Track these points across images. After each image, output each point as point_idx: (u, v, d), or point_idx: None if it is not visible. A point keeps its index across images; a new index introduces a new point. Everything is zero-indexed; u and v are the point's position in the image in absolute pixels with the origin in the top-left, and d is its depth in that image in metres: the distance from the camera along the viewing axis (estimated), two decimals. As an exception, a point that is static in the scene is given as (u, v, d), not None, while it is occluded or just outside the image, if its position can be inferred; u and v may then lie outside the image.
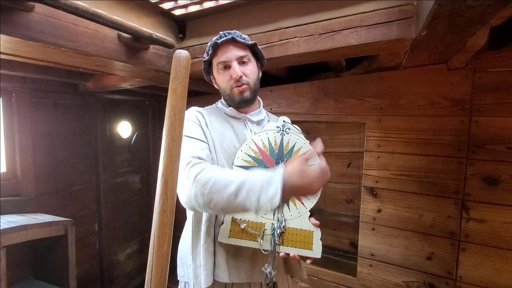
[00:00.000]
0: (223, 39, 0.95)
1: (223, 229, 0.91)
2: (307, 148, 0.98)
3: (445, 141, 1.49)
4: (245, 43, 0.98)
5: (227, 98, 1.02)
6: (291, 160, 0.81)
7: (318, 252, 0.89)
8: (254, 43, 1.00)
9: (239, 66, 0.96)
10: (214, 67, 1.01)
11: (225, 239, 0.91)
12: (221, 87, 1.02)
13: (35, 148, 1.89)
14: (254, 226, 0.91)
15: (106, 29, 1.15)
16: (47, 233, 1.60)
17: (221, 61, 0.97)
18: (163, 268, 0.69)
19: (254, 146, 0.97)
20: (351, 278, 1.77)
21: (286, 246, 0.90)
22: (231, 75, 0.96)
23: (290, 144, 0.99)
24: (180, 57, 0.76)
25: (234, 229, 0.91)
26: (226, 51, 0.96)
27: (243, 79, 0.96)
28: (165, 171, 0.72)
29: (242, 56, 0.97)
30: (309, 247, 0.90)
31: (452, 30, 0.91)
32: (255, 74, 1.01)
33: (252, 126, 1.05)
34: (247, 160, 0.96)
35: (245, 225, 0.91)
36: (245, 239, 0.91)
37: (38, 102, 1.91)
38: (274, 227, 0.90)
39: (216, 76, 1.02)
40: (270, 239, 0.89)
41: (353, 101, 1.72)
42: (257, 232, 0.90)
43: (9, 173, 1.79)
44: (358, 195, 1.93)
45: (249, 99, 0.99)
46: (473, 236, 1.46)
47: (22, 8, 0.89)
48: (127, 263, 2.70)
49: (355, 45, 1.15)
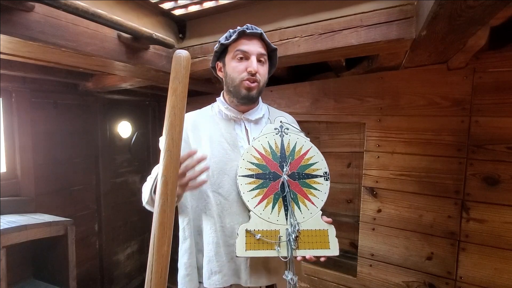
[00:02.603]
0: (252, 31, 0.95)
1: (238, 243, 0.88)
2: (309, 146, 0.98)
3: (445, 141, 1.49)
4: (269, 45, 0.99)
5: (232, 89, 0.98)
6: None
7: (336, 249, 0.90)
8: (275, 48, 1.02)
9: (257, 63, 0.96)
10: (229, 53, 0.98)
11: (242, 252, 0.88)
12: (230, 75, 0.98)
13: (35, 148, 1.89)
14: (269, 235, 0.90)
15: (106, 29, 1.15)
16: (47, 233, 1.60)
17: (241, 49, 0.95)
18: (163, 268, 0.69)
19: (255, 153, 0.96)
20: (351, 278, 1.77)
21: (303, 249, 0.89)
22: (246, 67, 0.94)
23: (291, 144, 0.98)
24: (180, 57, 0.76)
25: (249, 241, 0.89)
26: (250, 43, 0.95)
27: (256, 76, 0.95)
28: (165, 171, 0.72)
29: (262, 54, 0.97)
30: (326, 246, 0.90)
31: (452, 30, 0.91)
32: (266, 76, 1.01)
33: (249, 126, 1.03)
34: (251, 168, 0.94)
35: (260, 235, 0.89)
36: (263, 249, 0.89)
37: (38, 102, 1.91)
38: (288, 232, 0.89)
39: (228, 62, 0.99)
40: (286, 245, 0.89)
41: (353, 101, 1.72)
42: (273, 241, 0.89)
43: (9, 173, 1.79)
44: (358, 195, 1.93)
45: (253, 97, 0.98)
46: (473, 236, 1.46)
47: (22, 8, 0.89)
48: (127, 263, 2.70)
49: (355, 45, 1.15)
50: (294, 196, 0.94)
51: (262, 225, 0.91)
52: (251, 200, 0.92)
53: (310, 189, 0.95)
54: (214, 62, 1.05)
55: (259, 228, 0.90)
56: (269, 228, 0.91)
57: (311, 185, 0.95)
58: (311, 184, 0.96)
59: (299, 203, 0.93)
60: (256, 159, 0.95)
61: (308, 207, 0.93)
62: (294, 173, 0.95)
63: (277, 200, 0.93)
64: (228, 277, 0.95)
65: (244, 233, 0.89)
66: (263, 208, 0.92)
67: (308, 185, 0.95)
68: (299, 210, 0.93)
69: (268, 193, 0.93)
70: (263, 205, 0.92)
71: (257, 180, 0.94)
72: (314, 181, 0.96)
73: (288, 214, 0.92)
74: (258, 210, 0.92)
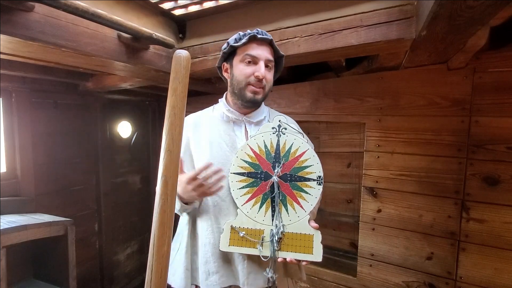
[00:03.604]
0: (263, 37, 0.96)
1: (223, 238, 0.92)
2: (305, 148, 0.96)
3: (445, 141, 1.49)
4: (277, 51, 1.00)
5: (237, 91, 0.99)
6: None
7: (319, 255, 0.89)
8: (283, 55, 1.03)
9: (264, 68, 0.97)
10: (237, 56, 0.99)
11: (226, 247, 0.92)
12: (237, 78, 0.98)
13: (35, 148, 1.89)
14: (253, 234, 0.92)
15: (106, 29, 1.15)
16: (47, 233, 1.60)
17: (250, 54, 0.96)
18: (163, 268, 0.69)
19: (249, 151, 0.96)
20: (351, 278, 1.77)
21: (286, 251, 0.90)
22: (253, 72, 0.95)
23: (287, 145, 0.97)
24: (180, 57, 0.76)
25: (233, 237, 0.92)
26: (260, 48, 0.96)
27: (263, 82, 0.96)
28: (165, 171, 0.72)
29: (270, 61, 0.98)
30: (309, 251, 0.89)
31: (452, 30, 0.91)
32: (271, 82, 1.02)
33: (250, 127, 1.04)
34: (243, 166, 0.95)
35: (244, 233, 0.92)
36: (245, 246, 0.91)
37: (38, 102, 1.91)
38: (272, 233, 0.90)
39: (236, 65, 0.99)
40: (269, 245, 0.90)
41: (353, 101, 1.72)
42: (256, 240, 0.91)
43: (9, 173, 1.79)
44: (358, 195, 1.93)
45: (258, 102, 1.00)
46: (473, 236, 1.46)
47: (22, 8, 0.88)
48: (127, 263, 2.70)
49: (355, 45, 1.15)
50: (283, 198, 0.93)
51: (248, 223, 0.93)
52: (239, 198, 0.94)
53: (300, 192, 0.94)
54: (221, 63, 1.06)
55: (244, 226, 0.93)
56: (254, 227, 0.93)
57: (302, 188, 0.94)
58: (302, 187, 0.94)
59: (288, 206, 0.93)
60: (250, 157, 0.96)
61: (296, 210, 0.93)
62: (286, 175, 0.95)
63: (265, 200, 0.94)
64: (225, 278, 0.96)
65: (229, 229, 0.93)
66: (250, 206, 0.93)
67: (299, 188, 0.94)
68: (286, 213, 0.93)
69: (257, 192, 0.94)
70: (251, 204, 0.93)
71: (248, 179, 0.95)
72: (306, 184, 0.94)
73: (275, 215, 0.92)
74: (245, 208, 0.93)
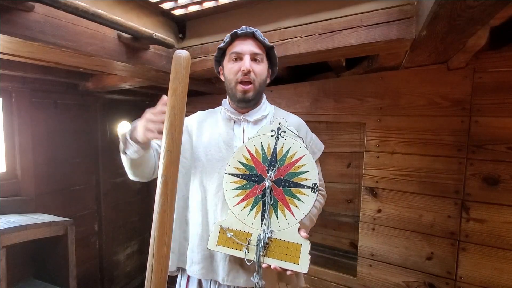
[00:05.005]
0: (244, 32, 0.96)
1: (212, 237, 0.93)
2: (303, 153, 0.92)
3: (445, 141, 1.49)
4: (263, 43, 0.99)
5: (229, 92, 1.01)
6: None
7: (305, 266, 0.84)
8: (272, 46, 1.01)
9: (251, 62, 0.96)
10: (226, 56, 1.01)
11: (213, 246, 0.93)
12: (227, 78, 1.00)
13: (35, 148, 1.89)
14: (241, 236, 0.91)
15: (106, 29, 1.15)
16: (47, 233, 1.60)
17: (235, 51, 0.97)
18: (163, 268, 0.69)
19: (246, 153, 0.95)
20: (351, 278, 1.77)
21: (271, 258, 0.88)
22: (240, 67, 0.95)
23: (285, 148, 0.93)
24: (180, 57, 0.76)
25: (222, 237, 0.93)
26: (243, 43, 0.97)
27: (250, 75, 0.95)
28: (165, 171, 0.72)
29: (256, 54, 0.97)
30: (295, 261, 0.85)
31: (452, 30, 0.91)
32: (263, 75, 1.00)
33: (247, 126, 1.03)
34: (239, 168, 0.95)
35: (232, 234, 0.91)
36: (231, 247, 0.91)
37: (38, 102, 1.91)
38: (259, 238, 0.89)
39: (225, 65, 1.01)
40: (255, 249, 0.89)
41: (353, 101, 1.72)
42: (243, 243, 0.90)
43: (9, 173, 1.79)
44: (358, 195, 1.93)
45: (250, 99, 0.99)
46: (473, 236, 1.46)
47: (22, 8, 0.88)
48: (127, 263, 2.69)
49: (355, 45, 1.15)
50: (275, 203, 0.91)
51: (237, 225, 0.92)
52: (231, 199, 0.94)
53: (293, 198, 0.90)
54: (217, 68, 1.09)
55: (233, 227, 0.93)
56: (243, 229, 0.92)
57: (296, 195, 0.90)
58: (295, 193, 0.90)
59: (278, 211, 0.90)
60: (246, 159, 0.95)
61: (287, 217, 0.89)
62: (280, 179, 0.92)
63: (256, 204, 0.92)
64: (206, 271, 0.97)
65: (219, 228, 0.93)
66: (241, 208, 0.93)
67: (292, 194, 0.90)
68: (276, 218, 0.90)
69: (249, 195, 0.93)
70: (242, 205, 0.93)
71: (242, 180, 0.94)
72: (300, 191, 0.90)
73: (264, 220, 0.91)
74: (236, 209, 0.93)
